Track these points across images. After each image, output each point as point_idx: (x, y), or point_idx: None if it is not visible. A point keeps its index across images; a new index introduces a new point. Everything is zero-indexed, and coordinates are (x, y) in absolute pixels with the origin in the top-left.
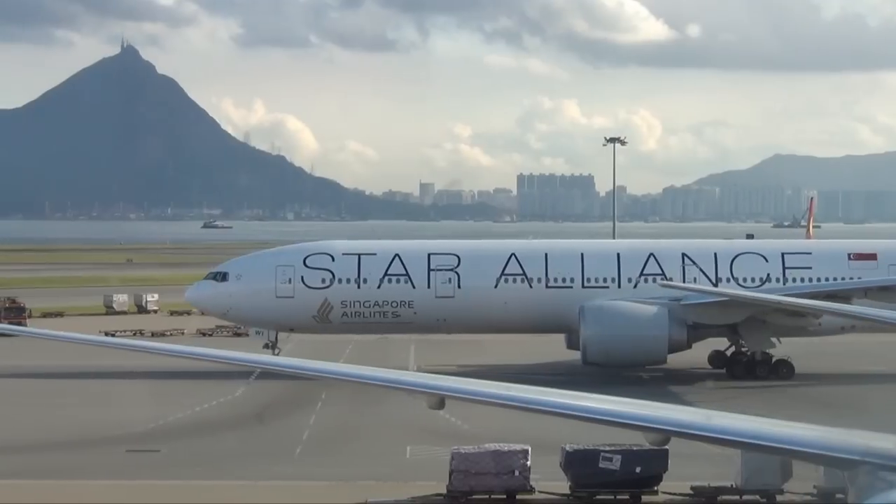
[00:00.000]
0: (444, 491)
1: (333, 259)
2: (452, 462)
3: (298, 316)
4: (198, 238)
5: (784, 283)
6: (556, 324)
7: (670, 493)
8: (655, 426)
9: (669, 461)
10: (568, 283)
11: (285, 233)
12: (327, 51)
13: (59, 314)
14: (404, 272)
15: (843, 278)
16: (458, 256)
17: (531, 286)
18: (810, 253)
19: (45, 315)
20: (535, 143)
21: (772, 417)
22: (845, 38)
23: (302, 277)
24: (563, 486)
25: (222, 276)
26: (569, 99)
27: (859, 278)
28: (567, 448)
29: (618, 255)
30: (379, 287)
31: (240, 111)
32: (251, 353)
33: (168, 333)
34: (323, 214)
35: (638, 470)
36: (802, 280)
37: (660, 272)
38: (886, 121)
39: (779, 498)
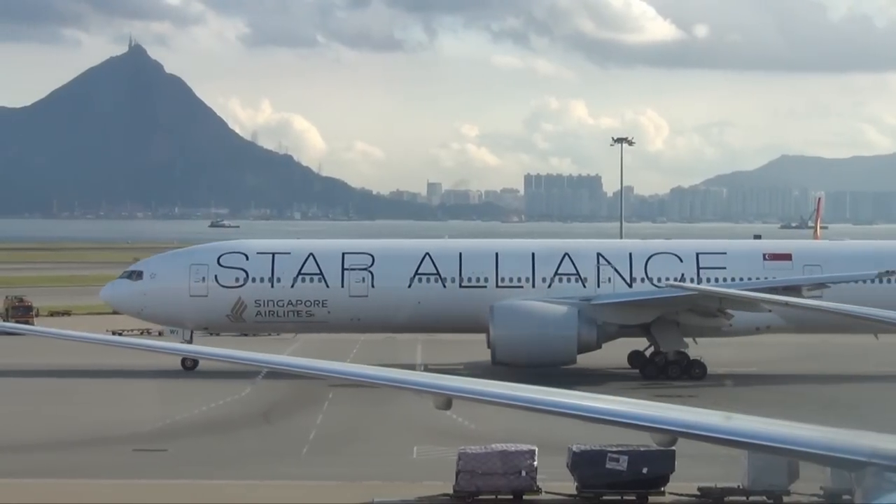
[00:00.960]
0: (450, 491)
1: (247, 258)
2: (459, 462)
3: (212, 315)
4: (205, 237)
5: (698, 284)
6: (470, 323)
7: (677, 494)
8: (662, 427)
9: (676, 462)
10: (482, 283)
11: (290, 232)
12: (334, 50)
13: (67, 313)
14: (318, 271)
15: (757, 278)
16: (372, 256)
17: (445, 286)
18: (725, 253)
19: (53, 314)
20: (541, 143)
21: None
22: (852, 38)
23: (216, 276)
24: (569, 486)
25: (137, 275)
26: (576, 99)
27: (774, 278)
28: (574, 448)
29: (532, 254)
30: (293, 286)
31: (247, 111)
32: (258, 353)
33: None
34: (330, 214)
35: (645, 471)
36: (717, 280)
37: (574, 272)
38: (894, 122)
39: (785, 499)
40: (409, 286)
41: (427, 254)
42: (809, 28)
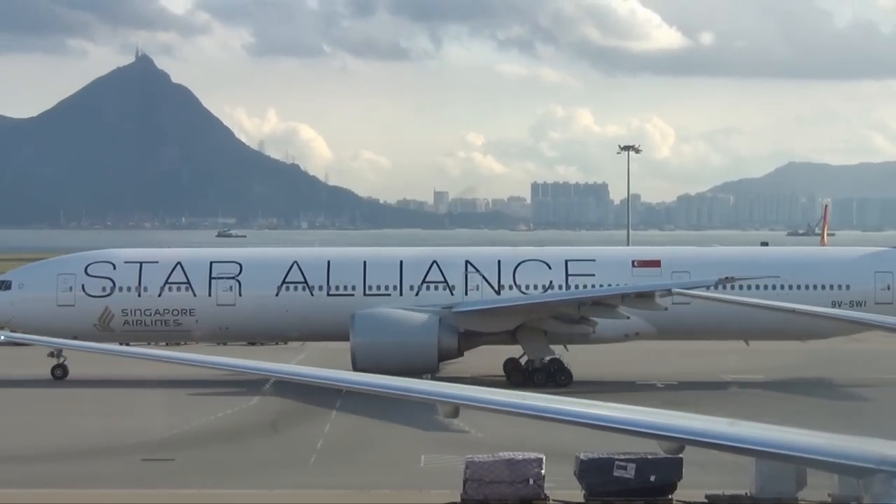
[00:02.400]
0: (458, 500)
1: (115, 267)
2: (466, 471)
3: (80, 324)
4: (213, 247)
5: (567, 290)
6: (338, 332)
7: (685, 502)
8: (670, 434)
9: (684, 469)
10: (349, 291)
11: (297, 241)
12: (340, 59)
13: None
14: (185, 280)
15: (626, 285)
16: (239, 264)
17: (312, 294)
18: (594, 260)
19: None
20: (548, 151)
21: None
22: (858, 45)
23: (83, 286)
24: (577, 494)
25: (6, 285)
26: (582, 107)
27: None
28: (581, 456)
29: (401, 262)
30: (160, 295)
31: (253, 120)
32: (266, 362)
33: (182, 342)
34: (337, 223)
35: (652, 478)
36: (585, 287)
37: (442, 280)
38: None
39: None
40: (277, 294)
41: (295, 262)
42: (815, 35)
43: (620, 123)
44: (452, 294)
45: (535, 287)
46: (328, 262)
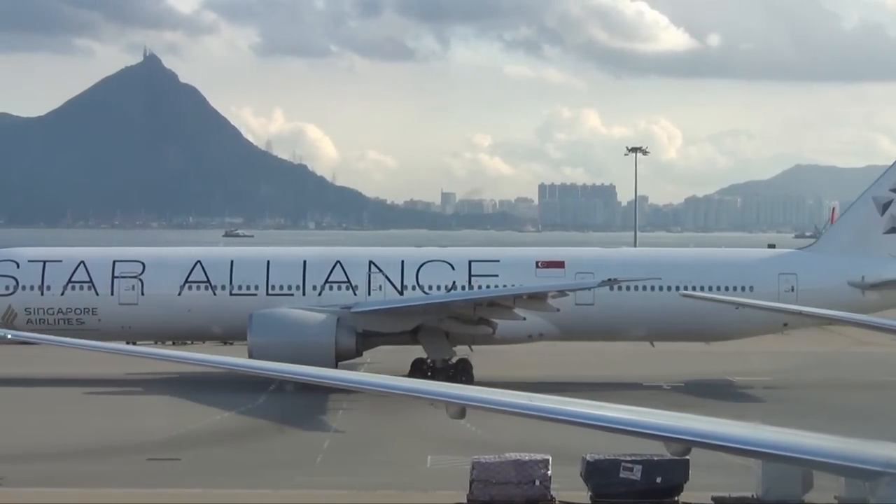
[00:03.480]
0: (464, 500)
1: (18, 266)
2: (473, 471)
3: None
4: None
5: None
6: (241, 332)
7: None
8: (676, 436)
9: (690, 471)
10: (252, 291)
11: (304, 241)
12: (347, 59)
13: None
14: (88, 279)
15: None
16: (142, 263)
17: (215, 293)
18: (498, 261)
19: None
20: (554, 152)
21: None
22: (865, 48)
23: None
24: (583, 495)
25: None
26: (588, 108)
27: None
28: (588, 458)
29: (304, 262)
30: (63, 294)
31: (260, 120)
32: (272, 363)
33: (189, 342)
34: (344, 223)
35: (658, 480)
36: (489, 287)
37: (345, 280)
38: None
39: None
40: (179, 294)
41: (198, 262)
42: (822, 37)
43: (627, 125)
44: (355, 294)
45: (438, 287)
46: (231, 262)
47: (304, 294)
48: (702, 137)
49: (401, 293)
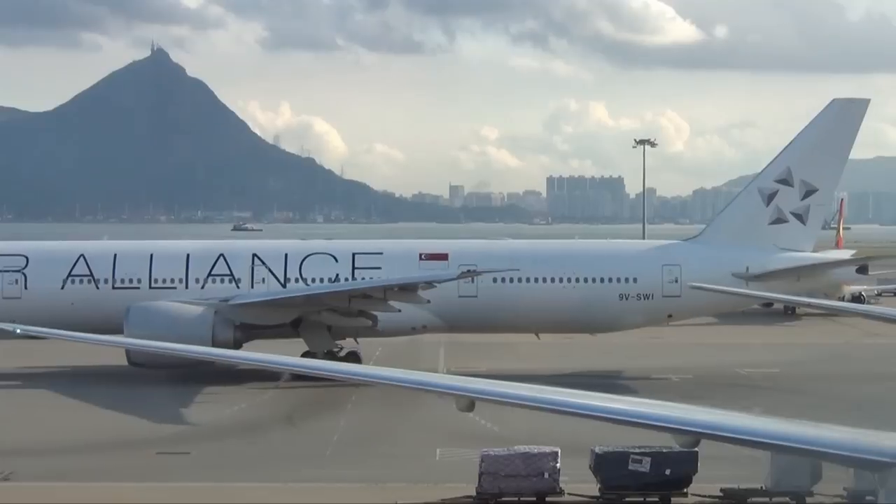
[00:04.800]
0: (473, 493)
1: None
2: (482, 464)
3: None
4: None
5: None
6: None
7: (700, 496)
8: (685, 428)
9: (699, 463)
10: (135, 285)
11: (312, 235)
12: (354, 53)
13: None
14: None
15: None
16: (26, 257)
17: (98, 287)
18: (381, 253)
19: None
20: (562, 144)
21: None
22: (871, 39)
23: None
24: (592, 488)
25: None
26: (595, 101)
27: None
28: (596, 450)
29: (187, 255)
30: None
31: (268, 114)
32: (281, 356)
33: None
34: (352, 216)
35: (667, 472)
36: (372, 279)
37: (228, 273)
38: None
39: (808, 500)
40: (63, 288)
41: (82, 255)
42: (828, 29)
43: (634, 117)
44: (238, 287)
45: (322, 280)
46: (115, 256)
47: (186, 287)
48: (709, 129)
49: (284, 286)
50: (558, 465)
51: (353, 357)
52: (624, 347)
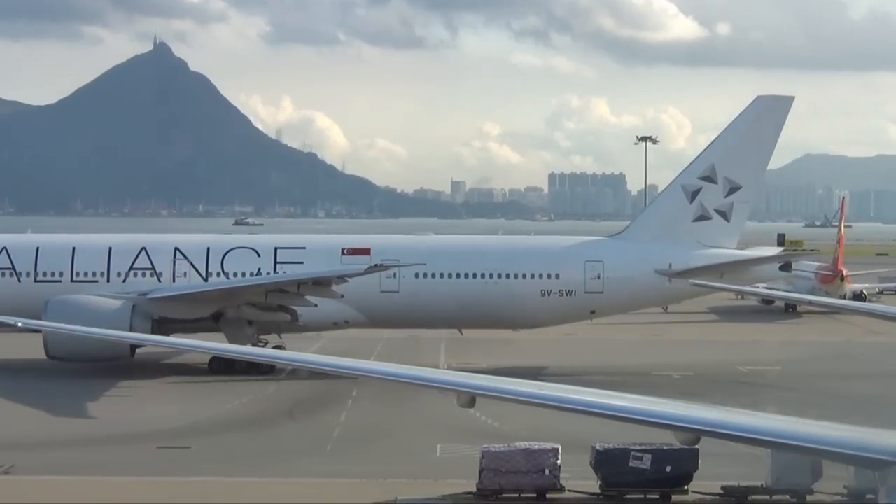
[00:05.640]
0: (474, 489)
1: None
2: (483, 460)
3: None
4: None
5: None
6: None
7: (700, 493)
8: (686, 425)
9: (700, 460)
10: (56, 278)
11: (313, 230)
12: (356, 48)
13: None
14: None
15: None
16: None
17: (20, 280)
18: (304, 248)
19: None
20: (563, 141)
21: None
22: (874, 37)
23: None
24: (592, 485)
25: None
26: (597, 97)
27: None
28: (597, 447)
29: (109, 249)
30: None
31: (270, 108)
32: (283, 351)
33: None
34: (354, 212)
35: (668, 469)
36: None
37: (150, 267)
38: None
39: (809, 498)
40: None
41: (4, 248)
42: (831, 26)
43: (636, 114)
44: (160, 281)
45: (244, 274)
46: (37, 249)
47: (108, 281)
48: (711, 126)
49: (206, 280)
50: (559, 461)
51: None
52: (625, 344)
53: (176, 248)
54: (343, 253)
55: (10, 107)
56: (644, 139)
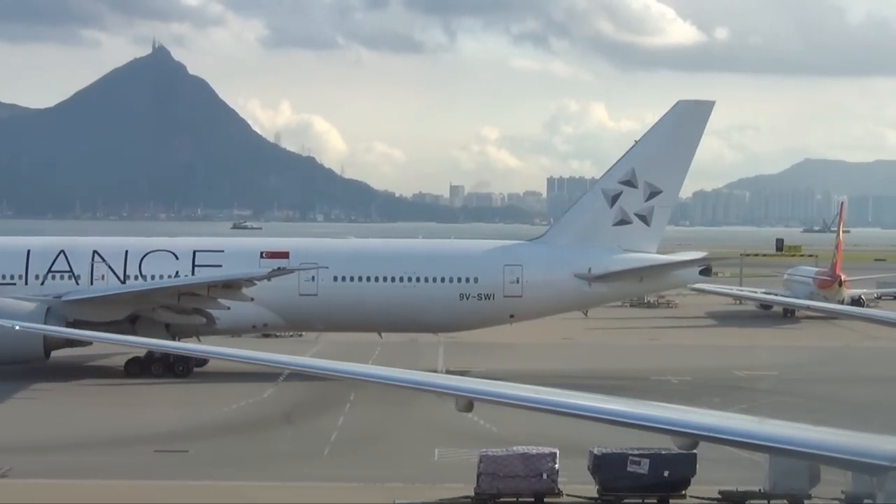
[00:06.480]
0: (471, 493)
1: None
2: (480, 464)
3: None
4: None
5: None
6: None
7: (698, 498)
8: (684, 430)
9: (698, 465)
10: None
11: (312, 233)
12: (354, 52)
13: None
14: None
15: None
16: None
17: None
18: (223, 251)
19: None
20: (562, 145)
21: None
22: (872, 42)
23: None
24: (590, 489)
25: None
26: (596, 102)
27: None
28: (595, 451)
29: (28, 251)
30: None
31: (269, 112)
32: (280, 354)
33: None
34: (353, 216)
35: (666, 474)
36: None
37: (68, 269)
38: None
39: (806, 503)
40: None
41: None
42: (829, 31)
43: (635, 118)
44: (78, 283)
45: (161, 277)
46: None
47: (26, 283)
48: (709, 131)
49: (123, 282)
50: (557, 465)
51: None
52: (623, 348)
53: (94, 251)
54: (262, 256)
55: (8, 110)
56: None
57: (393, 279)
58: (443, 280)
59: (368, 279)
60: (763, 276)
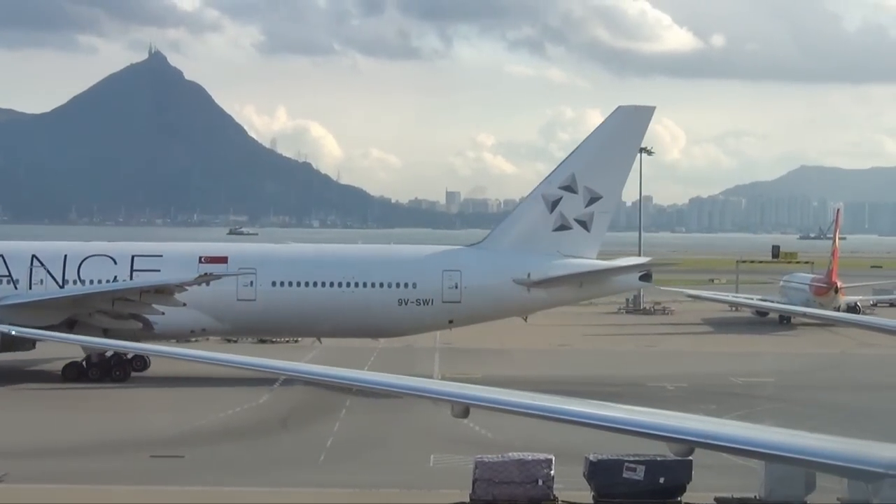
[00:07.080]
0: (467, 499)
1: None
2: (476, 471)
3: None
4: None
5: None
6: None
7: None
8: (680, 436)
9: (693, 472)
10: None
11: (307, 239)
12: (350, 58)
13: None
14: None
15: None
16: None
17: None
18: (161, 256)
19: None
20: (557, 151)
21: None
22: (868, 49)
23: None
24: (586, 495)
25: None
26: (592, 108)
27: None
28: (591, 458)
29: None
30: None
31: (265, 118)
32: (276, 360)
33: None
34: (349, 221)
35: (662, 480)
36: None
37: (7, 274)
38: None
39: None
40: None
41: None
42: (825, 38)
43: None
44: (16, 288)
45: (99, 282)
46: None
47: None
48: (706, 138)
49: (62, 287)
50: (552, 472)
51: (140, 361)
52: (619, 355)
53: (33, 256)
54: (201, 261)
55: (4, 115)
56: (640, 150)
57: (332, 284)
58: (381, 285)
59: (307, 284)
60: (759, 282)
